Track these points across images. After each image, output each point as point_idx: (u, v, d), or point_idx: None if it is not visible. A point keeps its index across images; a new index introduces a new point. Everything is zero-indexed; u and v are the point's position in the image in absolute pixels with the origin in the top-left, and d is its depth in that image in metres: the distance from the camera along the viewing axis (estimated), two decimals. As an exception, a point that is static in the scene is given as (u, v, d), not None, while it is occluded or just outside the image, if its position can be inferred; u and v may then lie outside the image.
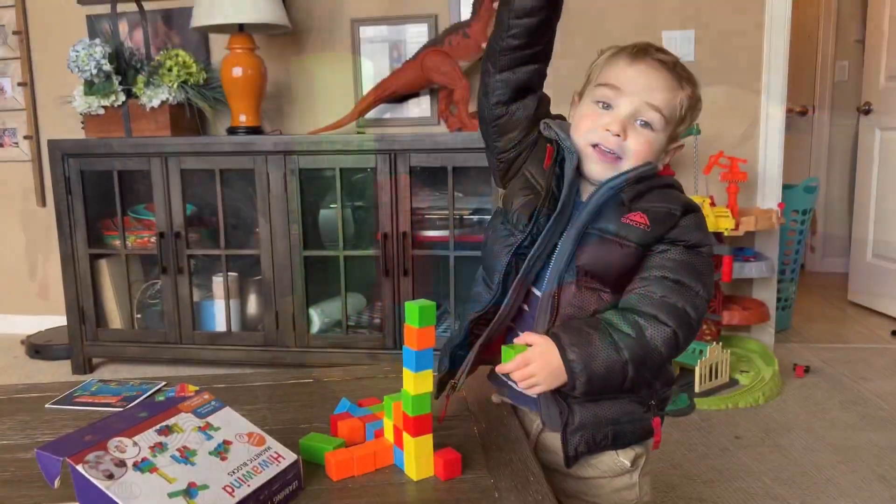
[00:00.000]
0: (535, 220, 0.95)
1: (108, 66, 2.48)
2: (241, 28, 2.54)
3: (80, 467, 0.70)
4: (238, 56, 2.53)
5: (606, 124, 0.95)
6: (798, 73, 4.05)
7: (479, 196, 2.62)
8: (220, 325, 2.57)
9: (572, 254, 0.94)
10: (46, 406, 1.12)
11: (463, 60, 2.49)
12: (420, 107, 2.80)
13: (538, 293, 0.97)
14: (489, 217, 2.49)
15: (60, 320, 2.97)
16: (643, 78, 0.95)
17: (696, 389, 2.26)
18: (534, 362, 0.89)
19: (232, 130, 2.58)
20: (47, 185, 3.04)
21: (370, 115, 2.77)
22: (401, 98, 2.77)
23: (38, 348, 2.82)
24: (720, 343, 2.39)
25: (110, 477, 0.71)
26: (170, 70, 2.54)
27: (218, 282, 2.56)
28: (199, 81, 2.63)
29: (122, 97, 2.56)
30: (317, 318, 2.51)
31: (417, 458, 0.85)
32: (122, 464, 0.73)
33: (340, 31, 2.80)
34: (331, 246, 2.54)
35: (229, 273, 2.55)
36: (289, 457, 0.83)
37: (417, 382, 0.83)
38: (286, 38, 2.83)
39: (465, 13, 2.62)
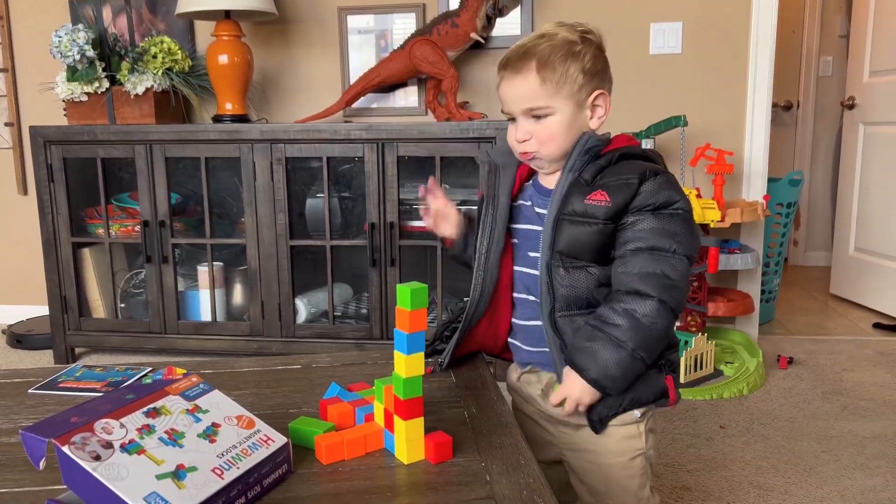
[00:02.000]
0: (480, 220, 1.13)
1: (91, 52, 2.44)
2: (227, 15, 2.51)
3: (66, 448, 0.69)
4: (224, 43, 2.51)
5: (513, 136, 1.06)
6: (783, 67, 4.08)
7: (467, 188, 2.62)
8: (205, 315, 2.55)
9: (552, 240, 1.02)
10: (30, 391, 1.11)
11: (451, 50, 2.48)
12: (408, 97, 2.79)
13: (537, 273, 1.06)
14: (476, 207, 2.49)
15: (43, 310, 2.94)
16: (508, 92, 1.05)
17: (682, 380, 2.27)
18: (570, 394, 1.00)
19: (218, 118, 2.55)
20: (29, 172, 3.00)
21: (357, 104, 2.75)
22: (388, 88, 2.75)
23: (19, 337, 2.78)
24: (705, 334, 2.40)
25: (97, 458, 0.70)
26: (154, 57, 2.51)
27: (203, 271, 2.53)
28: (185, 69, 2.60)
29: (106, 84, 2.52)
30: (303, 309, 2.50)
31: (408, 442, 0.84)
32: (108, 445, 0.72)
33: (328, 19, 2.78)
34: (317, 236, 2.53)
35: (214, 263, 2.52)
36: (279, 440, 0.82)
37: (409, 365, 0.83)
38: (273, 26, 2.80)
39: (454, 2, 2.61)
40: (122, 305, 2.66)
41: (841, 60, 3.97)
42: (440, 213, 1.19)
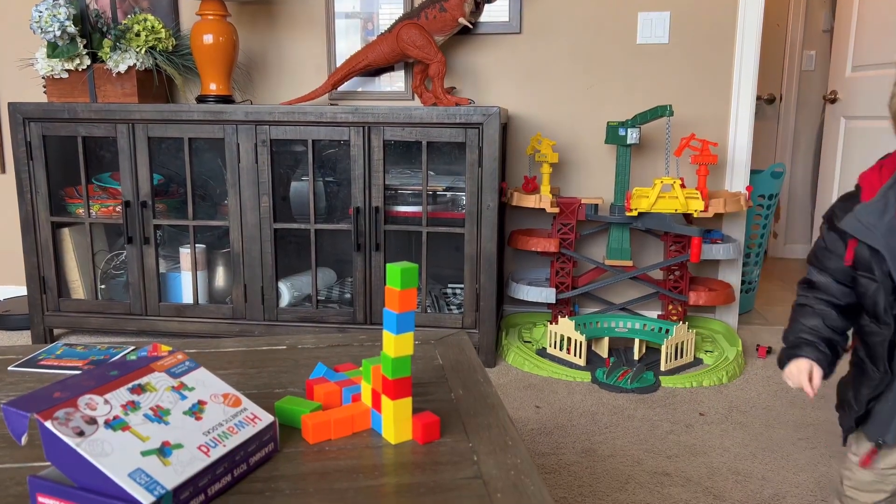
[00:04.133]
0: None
1: (72, 28, 2.40)
2: (212, -7, 2.47)
3: (48, 424, 0.68)
4: (209, 23, 2.47)
5: None
6: (766, 61, 4.11)
7: (452, 175, 2.61)
8: (186, 298, 2.53)
9: None
10: (9, 368, 1.09)
11: (439, 35, 2.47)
12: (395, 82, 2.77)
13: None
14: (462, 194, 2.48)
15: (21, 290, 2.90)
16: None
17: (662, 368, 2.29)
18: None
19: (201, 99, 2.52)
20: (7, 150, 2.95)
21: (343, 88, 2.73)
22: (374, 72, 2.73)
23: (-5, 318, 2.74)
24: (686, 323, 2.43)
25: (81, 434, 0.69)
26: (137, 35, 2.47)
27: (185, 253, 2.51)
28: (168, 48, 2.56)
29: (87, 61, 2.48)
30: (286, 292, 2.48)
31: (396, 422, 0.84)
32: (92, 421, 0.71)
33: (314, 0, 2.75)
34: (301, 219, 2.51)
35: (197, 245, 2.50)
36: (265, 418, 0.81)
37: (398, 345, 0.82)
38: (258, 7, 2.77)
39: (442, -13, 2.58)
40: (103, 287, 2.63)
41: (824, 55, 4.00)
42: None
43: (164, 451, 0.71)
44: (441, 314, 2.42)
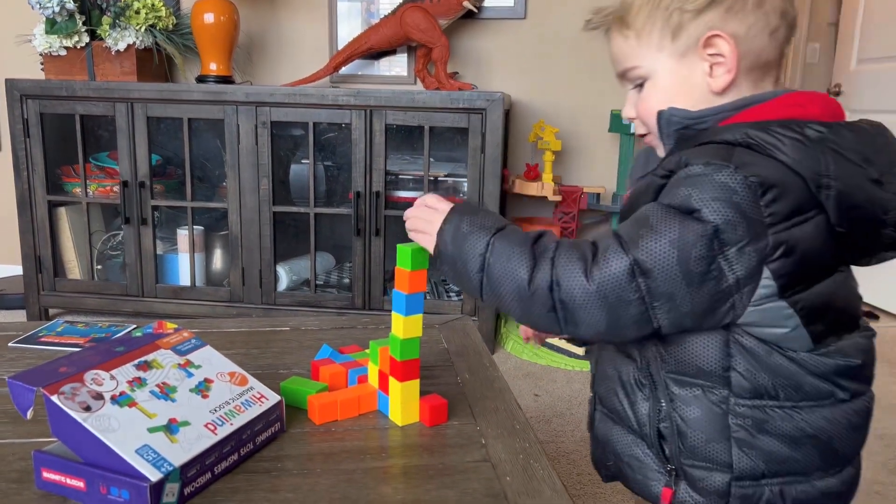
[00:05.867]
0: None
1: (71, 5, 2.37)
2: (214, -28, 2.44)
3: (55, 398, 0.67)
4: (210, 1, 2.44)
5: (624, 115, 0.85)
6: (770, 53, 4.09)
7: (453, 161, 2.60)
8: (183, 280, 2.51)
9: None
10: (9, 345, 1.07)
11: (443, 18, 2.45)
12: (396, 65, 2.75)
13: None
14: (464, 180, 2.47)
15: (16, 269, 2.87)
16: (611, 54, 0.81)
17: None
18: (419, 210, 0.89)
19: (201, 79, 2.50)
20: (4, 127, 2.91)
21: (344, 71, 2.71)
22: (377, 55, 2.71)
23: (-10, 297, 2.72)
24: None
25: (87, 409, 0.67)
26: (137, 12, 2.44)
27: (183, 235, 2.49)
28: (168, 26, 2.53)
29: (86, 38, 2.45)
30: (284, 276, 2.47)
31: (403, 404, 0.83)
32: (99, 397, 0.69)
33: (317, -18, 2.72)
34: (301, 203, 2.50)
35: (195, 227, 2.48)
36: (272, 398, 0.80)
37: (407, 327, 0.81)
38: (260, -13, 2.74)
39: (447, -30, 2.56)
40: (99, 267, 2.61)
41: (828, 48, 3.99)
42: None
43: (171, 428, 0.70)
44: (440, 301, 2.41)
